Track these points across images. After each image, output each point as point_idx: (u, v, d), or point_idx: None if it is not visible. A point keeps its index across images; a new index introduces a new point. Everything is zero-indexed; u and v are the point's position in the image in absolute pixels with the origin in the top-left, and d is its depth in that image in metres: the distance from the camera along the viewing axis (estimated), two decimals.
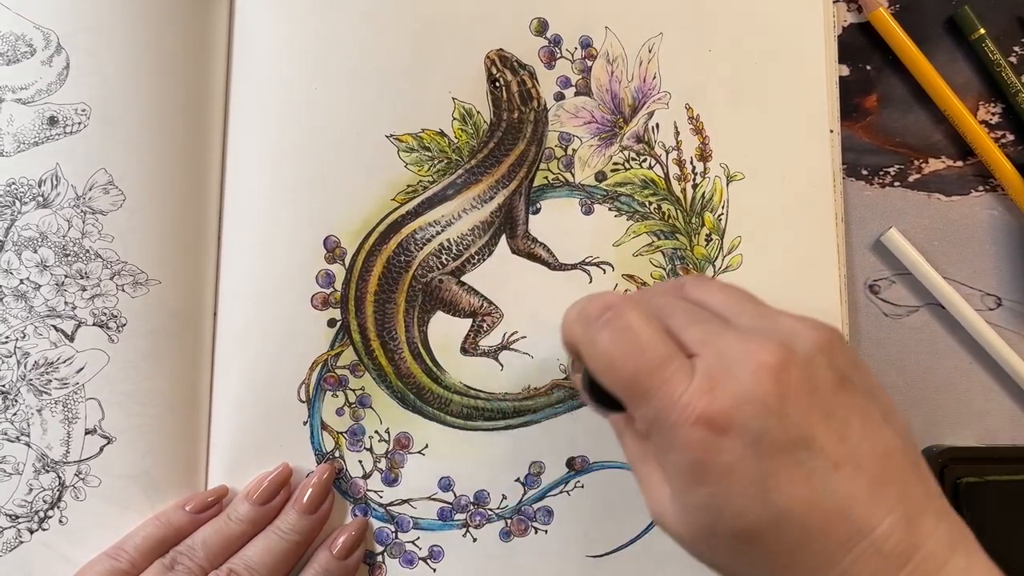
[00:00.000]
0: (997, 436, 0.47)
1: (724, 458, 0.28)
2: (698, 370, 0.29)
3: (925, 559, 0.28)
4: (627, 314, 0.31)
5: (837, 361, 0.30)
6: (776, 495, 0.28)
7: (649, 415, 0.30)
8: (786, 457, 0.28)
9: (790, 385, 0.28)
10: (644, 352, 0.30)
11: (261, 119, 0.43)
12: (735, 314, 0.32)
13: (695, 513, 0.30)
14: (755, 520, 0.28)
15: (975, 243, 0.47)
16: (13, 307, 0.40)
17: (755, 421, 0.28)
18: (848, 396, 0.29)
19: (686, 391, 0.29)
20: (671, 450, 0.29)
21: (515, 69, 0.44)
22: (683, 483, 0.29)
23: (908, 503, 0.29)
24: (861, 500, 0.28)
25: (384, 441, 0.43)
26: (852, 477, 0.28)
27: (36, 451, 0.40)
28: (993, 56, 0.47)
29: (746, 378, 0.28)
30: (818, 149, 0.45)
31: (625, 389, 0.31)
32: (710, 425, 0.28)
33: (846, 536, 0.28)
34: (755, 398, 0.28)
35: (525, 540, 0.43)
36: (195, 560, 0.39)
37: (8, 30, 0.40)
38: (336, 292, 0.43)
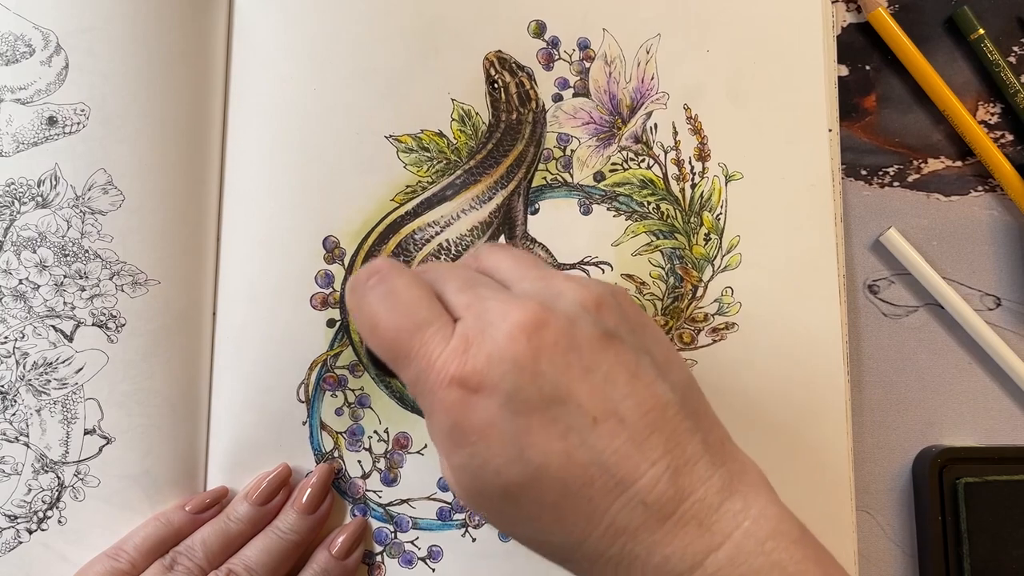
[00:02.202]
0: (996, 436, 0.47)
1: (478, 417, 0.29)
2: (457, 332, 0.30)
3: (694, 505, 0.28)
4: (393, 278, 0.31)
5: (605, 318, 0.30)
6: (531, 452, 0.28)
7: (411, 378, 0.30)
8: (540, 414, 0.28)
9: (544, 343, 0.29)
10: (405, 315, 0.30)
11: (261, 119, 0.43)
12: (518, 280, 0.32)
13: (460, 474, 0.30)
14: (514, 477, 0.29)
15: (974, 243, 0.47)
16: (12, 307, 0.40)
17: (507, 379, 0.28)
18: (613, 353, 0.29)
19: (442, 353, 0.29)
20: (432, 413, 0.30)
21: (514, 70, 0.44)
22: (446, 445, 0.30)
23: (676, 454, 0.29)
24: (623, 453, 0.28)
25: (383, 441, 0.43)
26: (611, 432, 0.28)
27: (35, 451, 0.40)
28: (992, 56, 0.47)
29: (500, 338, 0.29)
30: (817, 149, 0.45)
31: (387, 352, 0.31)
32: (463, 385, 0.29)
33: (607, 489, 0.28)
34: (507, 357, 0.28)
35: None
36: (194, 560, 0.39)
37: (7, 30, 0.40)
38: (335, 292, 0.43)
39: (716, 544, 0.28)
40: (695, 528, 0.28)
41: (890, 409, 0.46)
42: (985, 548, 0.44)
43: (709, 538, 0.28)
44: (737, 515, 0.29)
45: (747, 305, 0.44)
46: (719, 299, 0.44)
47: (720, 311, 0.44)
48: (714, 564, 0.28)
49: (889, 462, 0.46)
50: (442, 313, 0.30)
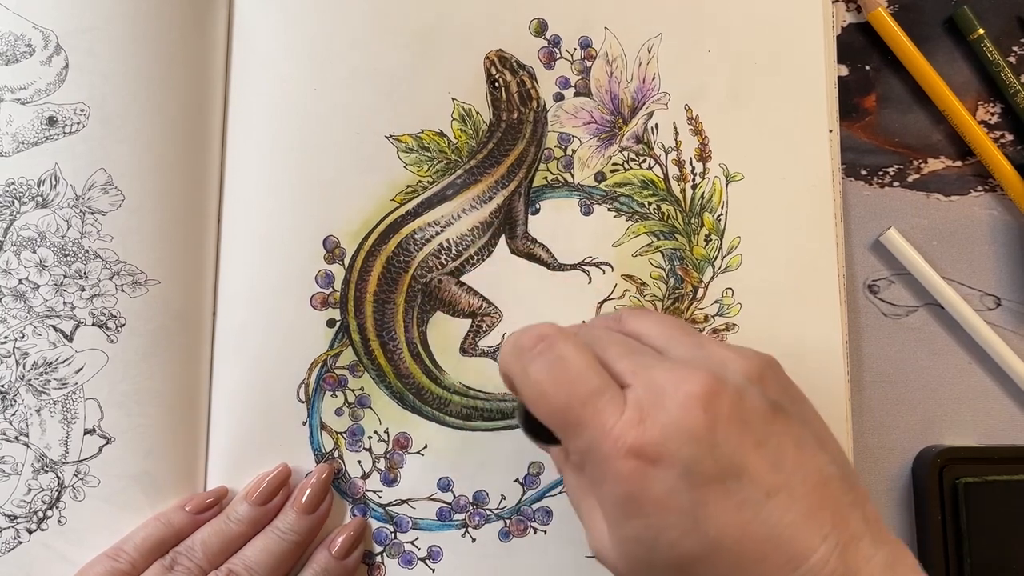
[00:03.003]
0: (996, 436, 0.47)
1: (655, 489, 0.28)
2: (629, 401, 0.29)
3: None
4: (560, 344, 0.31)
5: (769, 390, 0.30)
6: (708, 525, 0.28)
7: (581, 446, 0.30)
8: (717, 486, 0.28)
9: (720, 414, 0.28)
10: (576, 383, 0.30)
11: (261, 119, 0.43)
12: (670, 345, 0.32)
13: (630, 545, 0.30)
14: (688, 550, 0.28)
15: (974, 243, 0.47)
16: (12, 307, 0.40)
17: (685, 451, 0.28)
18: (781, 424, 0.29)
19: (617, 423, 0.29)
20: (604, 482, 0.29)
21: (514, 70, 0.44)
22: (617, 515, 0.29)
23: (843, 529, 0.29)
24: (795, 528, 0.28)
25: (383, 441, 0.43)
26: (785, 505, 0.28)
27: (35, 451, 0.40)
28: (992, 56, 0.47)
29: (675, 408, 0.28)
30: (817, 149, 0.45)
31: (557, 420, 0.30)
32: (640, 456, 0.28)
33: (780, 564, 0.28)
34: (684, 428, 0.28)
35: (524, 540, 0.43)
36: (194, 560, 0.39)
37: (7, 30, 0.40)
38: (335, 292, 0.43)
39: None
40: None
41: (890, 409, 0.46)
42: (985, 548, 0.44)
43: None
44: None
45: (747, 306, 0.44)
46: (720, 300, 0.44)
47: (721, 312, 0.44)
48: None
49: (889, 462, 0.46)
50: (611, 381, 0.30)
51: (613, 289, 0.44)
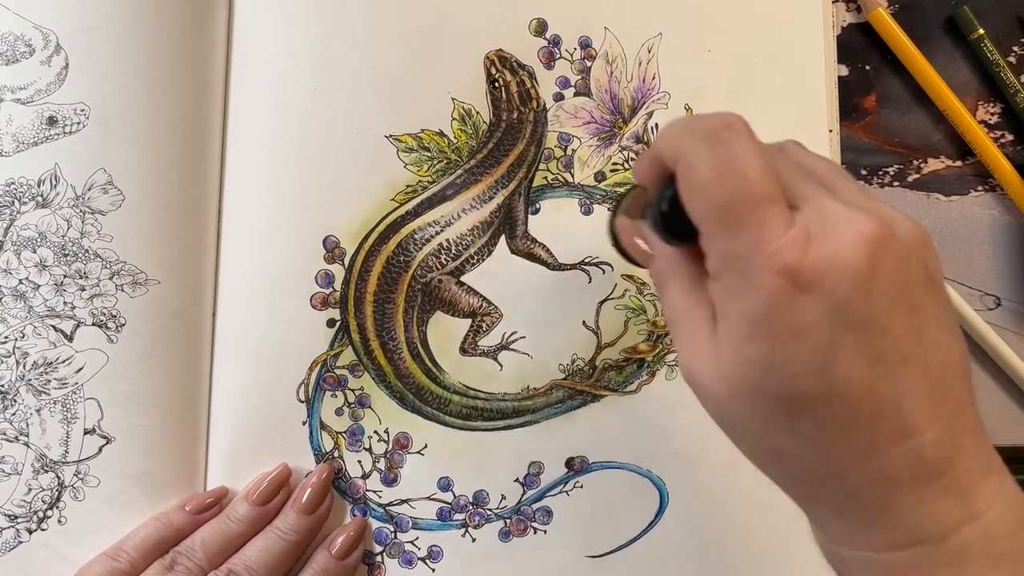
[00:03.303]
0: (997, 436, 0.46)
1: (799, 315, 0.27)
2: (798, 222, 0.27)
3: (960, 475, 0.28)
4: (745, 139, 0.28)
5: (929, 261, 0.29)
6: (837, 369, 0.27)
7: (733, 250, 0.28)
8: (860, 334, 0.27)
9: (884, 265, 0.27)
10: (750, 183, 0.28)
11: (261, 119, 0.43)
12: (839, 187, 0.30)
13: (746, 367, 0.28)
14: (807, 388, 0.27)
15: (974, 243, 0.47)
16: (12, 307, 0.40)
17: (841, 288, 0.26)
18: (934, 298, 0.28)
19: (780, 237, 0.27)
20: (744, 293, 0.27)
21: (514, 69, 0.44)
22: (745, 332, 0.28)
23: (958, 420, 0.28)
24: (918, 401, 0.27)
25: (383, 441, 0.43)
26: (916, 377, 0.27)
27: (35, 451, 0.40)
28: (992, 56, 0.47)
29: (844, 243, 0.27)
30: (817, 149, 0.44)
31: (717, 215, 0.28)
32: (794, 278, 0.27)
33: (892, 430, 0.27)
34: (848, 265, 0.27)
35: (524, 540, 0.43)
36: (194, 560, 0.39)
37: (7, 30, 0.40)
38: (335, 292, 0.43)
39: (972, 517, 0.27)
40: (957, 497, 0.28)
41: None
42: None
43: (966, 509, 0.27)
44: (993, 495, 0.28)
45: None
46: None
47: None
48: (967, 537, 0.27)
49: None
50: (783, 196, 0.28)
51: (613, 289, 0.44)
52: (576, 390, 0.43)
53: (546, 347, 0.44)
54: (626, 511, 0.43)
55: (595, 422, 0.43)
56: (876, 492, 0.28)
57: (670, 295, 0.31)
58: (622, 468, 0.43)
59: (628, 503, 0.43)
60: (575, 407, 0.43)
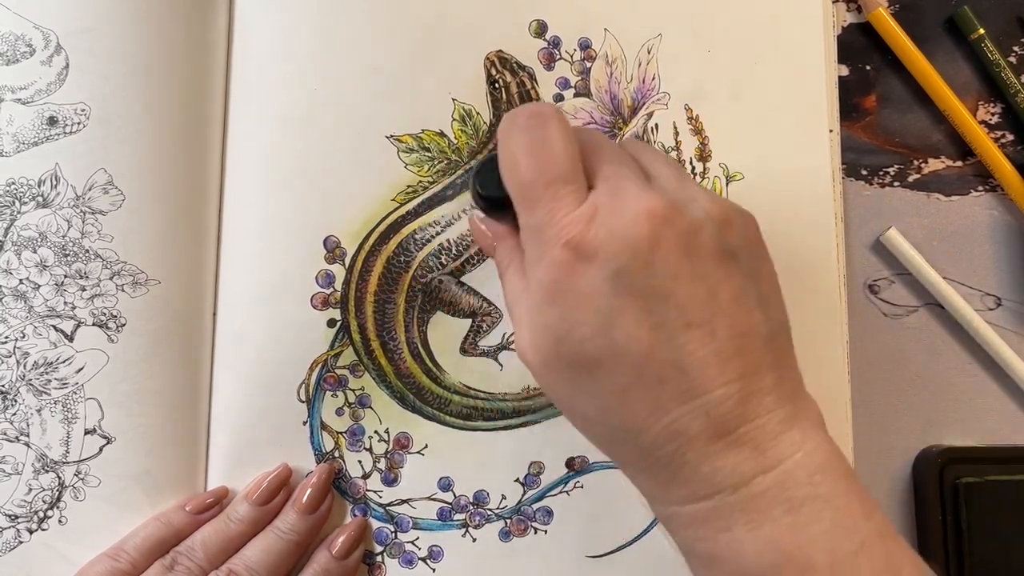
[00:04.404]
0: (997, 436, 0.47)
1: (582, 283, 0.30)
2: (589, 199, 0.31)
3: (754, 430, 0.29)
4: (550, 125, 0.32)
5: (728, 236, 0.31)
6: (619, 332, 0.29)
7: (531, 223, 0.31)
8: (639, 300, 0.29)
9: (665, 237, 0.29)
10: (548, 164, 0.31)
11: (261, 119, 0.43)
12: (655, 174, 0.33)
13: (543, 334, 0.31)
14: (594, 350, 0.30)
15: (974, 243, 0.47)
16: (12, 307, 0.40)
17: (620, 258, 0.29)
18: (725, 270, 0.30)
19: (568, 214, 0.30)
20: (538, 264, 0.31)
21: (514, 70, 0.44)
22: (539, 300, 0.31)
23: (750, 381, 0.30)
24: (703, 363, 0.29)
25: (384, 441, 0.43)
26: (700, 339, 0.29)
27: (35, 451, 0.40)
28: (993, 56, 0.47)
29: (626, 218, 0.30)
30: (817, 149, 0.45)
31: (519, 192, 0.32)
32: (577, 250, 0.30)
33: (677, 391, 0.29)
34: (627, 237, 0.29)
35: (525, 540, 0.43)
36: (195, 560, 0.39)
37: (8, 30, 0.40)
38: (336, 292, 0.43)
39: (766, 467, 0.29)
40: (749, 450, 0.29)
41: (890, 409, 0.46)
42: (985, 548, 0.44)
43: (761, 461, 0.29)
44: (792, 445, 0.30)
45: None
46: None
47: None
48: (760, 485, 0.29)
49: (889, 462, 0.46)
50: (581, 176, 0.32)
51: None
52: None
53: None
54: (626, 511, 0.43)
55: None
56: (670, 448, 0.30)
57: (507, 281, 0.35)
58: None
59: (628, 503, 0.43)
60: None
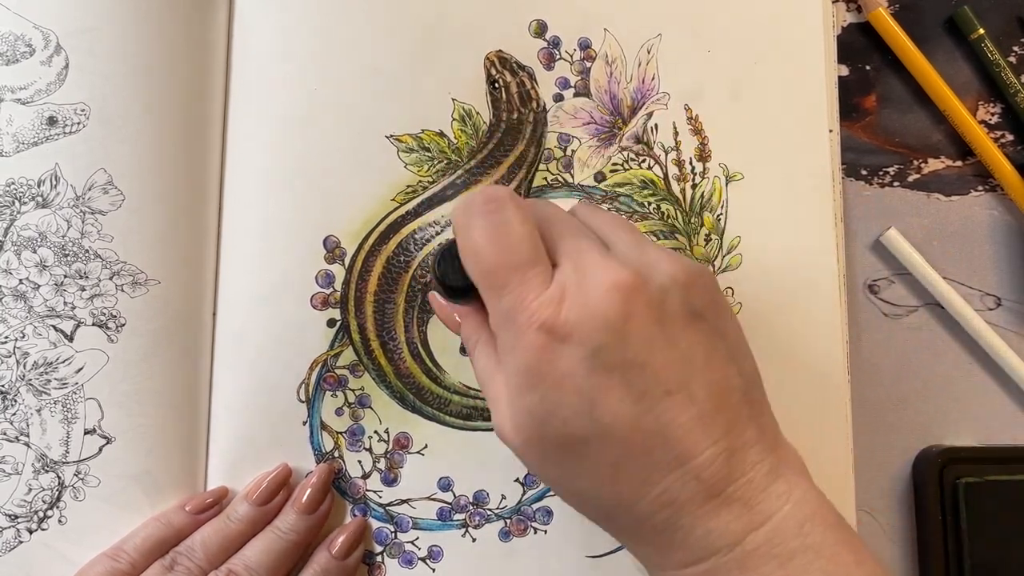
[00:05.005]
0: (997, 436, 0.47)
1: (558, 366, 0.29)
2: (556, 279, 0.31)
3: (743, 486, 0.30)
4: (507, 209, 0.32)
5: (692, 298, 0.31)
6: (602, 410, 0.29)
7: (500, 310, 0.31)
8: (618, 375, 0.29)
9: (636, 309, 0.29)
10: (511, 249, 0.31)
11: (261, 119, 0.43)
12: (613, 240, 0.33)
13: (525, 418, 0.31)
14: (579, 431, 0.30)
15: (974, 243, 0.47)
16: (12, 307, 0.40)
17: (595, 336, 0.29)
18: (695, 331, 0.30)
19: (538, 297, 0.30)
20: (514, 349, 0.30)
21: (514, 70, 0.44)
22: (518, 384, 0.30)
23: (735, 437, 0.30)
24: (687, 428, 0.29)
25: (383, 441, 0.43)
26: (682, 405, 0.29)
27: (35, 451, 0.40)
28: (993, 56, 0.47)
29: (596, 295, 0.29)
30: (817, 149, 0.45)
31: (485, 280, 0.32)
32: (551, 332, 0.29)
33: (667, 459, 0.29)
34: (599, 313, 0.29)
35: (524, 540, 0.43)
36: (194, 560, 0.39)
37: (8, 30, 0.40)
38: (336, 292, 0.43)
39: (757, 523, 0.29)
40: (740, 507, 0.29)
41: (890, 409, 0.46)
42: (985, 548, 0.44)
43: (751, 517, 0.29)
44: (780, 497, 0.30)
45: (747, 305, 0.44)
46: None
47: None
48: (752, 542, 0.29)
49: (889, 462, 0.46)
50: (545, 257, 0.31)
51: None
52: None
53: None
54: None
55: None
56: (664, 516, 0.30)
57: (477, 359, 0.34)
58: None
59: None
60: None
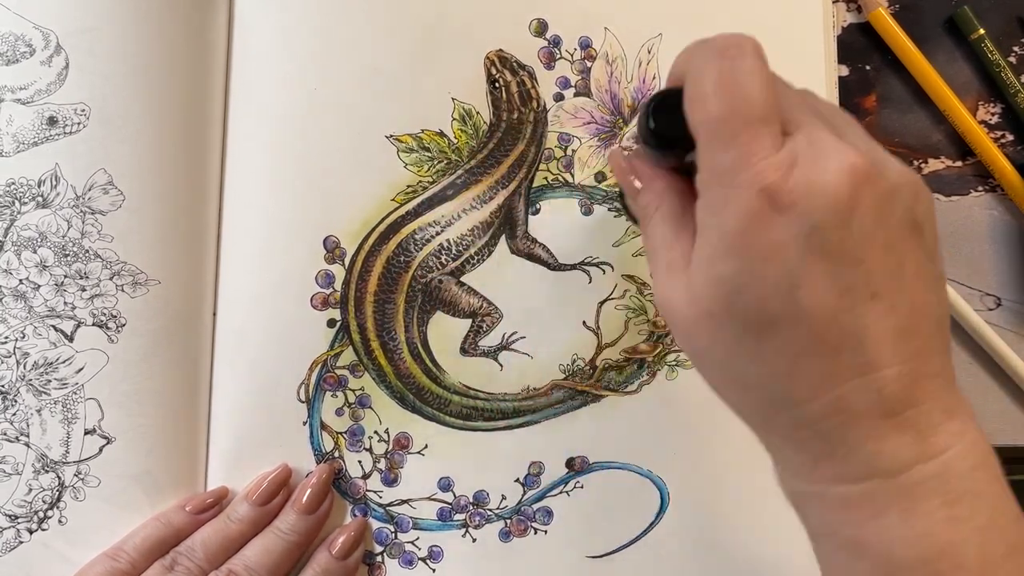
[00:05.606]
0: (997, 436, 0.47)
1: (771, 236, 0.27)
2: (787, 146, 0.28)
3: (920, 415, 0.28)
4: (752, 60, 0.29)
5: (918, 208, 0.29)
6: (804, 292, 0.27)
7: (721, 164, 0.28)
8: (830, 263, 0.27)
9: (865, 198, 0.27)
10: (748, 101, 0.28)
11: (261, 119, 0.43)
12: (845, 129, 0.30)
13: (716, 286, 0.28)
14: (773, 309, 0.28)
15: (975, 243, 0.47)
16: (12, 307, 0.40)
17: (817, 214, 0.27)
18: (914, 243, 0.28)
19: (767, 157, 0.28)
20: (724, 209, 0.28)
21: (515, 70, 0.44)
22: (720, 248, 0.28)
23: (922, 362, 0.28)
24: (881, 337, 0.27)
25: (383, 441, 0.43)
26: (883, 313, 0.28)
27: (35, 451, 0.40)
28: (993, 56, 0.47)
29: (829, 171, 0.27)
30: None
31: (711, 127, 0.29)
32: (773, 199, 0.27)
33: (853, 363, 0.28)
34: (828, 192, 0.27)
35: (524, 540, 0.43)
36: (195, 560, 0.39)
37: (8, 30, 0.40)
38: (336, 292, 0.43)
39: (928, 456, 0.28)
40: (913, 435, 0.28)
41: None
42: None
43: (923, 448, 0.28)
44: (954, 436, 0.28)
45: None
46: None
47: None
48: (920, 474, 0.28)
49: None
50: (778, 120, 0.29)
51: (613, 289, 0.44)
52: (577, 390, 0.43)
53: (546, 347, 0.44)
54: (626, 511, 0.43)
55: (596, 422, 0.43)
56: (833, 423, 0.28)
57: (655, 226, 0.32)
58: (622, 468, 0.43)
59: (628, 503, 0.43)
60: (576, 407, 0.43)
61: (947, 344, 0.30)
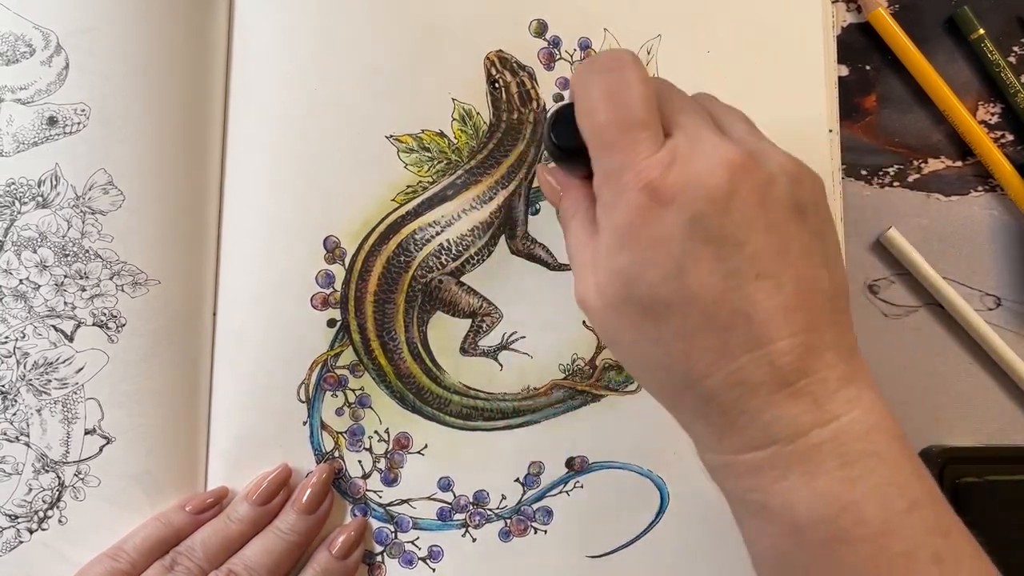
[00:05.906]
0: (997, 436, 0.47)
1: (658, 228, 0.30)
2: (668, 145, 0.31)
3: (814, 383, 0.30)
4: (629, 70, 0.32)
5: (800, 192, 0.31)
6: (691, 277, 0.30)
7: (608, 167, 0.31)
8: (714, 248, 0.29)
9: (742, 188, 0.30)
10: (626, 108, 0.31)
11: (261, 119, 0.43)
12: (728, 127, 0.33)
13: (613, 278, 0.31)
14: (665, 294, 0.30)
15: (974, 243, 0.47)
16: (12, 307, 0.40)
17: (697, 204, 0.29)
18: (796, 225, 0.31)
19: (648, 157, 0.30)
20: (614, 207, 0.31)
21: (515, 70, 0.44)
22: (614, 243, 0.31)
23: (813, 335, 0.30)
24: (769, 313, 0.29)
25: (383, 441, 0.43)
26: (769, 290, 0.30)
27: (35, 451, 0.40)
28: (992, 56, 0.47)
29: (705, 166, 0.30)
30: (817, 149, 0.45)
31: (598, 134, 0.32)
32: (655, 195, 0.30)
33: (744, 339, 0.30)
34: (705, 184, 0.29)
35: (524, 540, 0.43)
36: (195, 560, 0.39)
37: (8, 30, 0.40)
38: (336, 292, 0.43)
39: (824, 420, 0.30)
40: (809, 402, 0.30)
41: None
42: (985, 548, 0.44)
43: (819, 414, 0.30)
44: (850, 401, 0.30)
45: None
46: None
47: None
48: (817, 437, 0.29)
49: None
50: (658, 123, 0.31)
51: None
52: (576, 390, 0.43)
53: (546, 347, 0.44)
54: (626, 511, 0.43)
55: (596, 422, 0.43)
56: (732, 395, 0.30)
57: (572, 231, 0.35)
58: (623, 468, 0.43)
59: (628, 503, 0.43)
60: (576, 407, 0.43)
61: (843, 316, 0.32)
